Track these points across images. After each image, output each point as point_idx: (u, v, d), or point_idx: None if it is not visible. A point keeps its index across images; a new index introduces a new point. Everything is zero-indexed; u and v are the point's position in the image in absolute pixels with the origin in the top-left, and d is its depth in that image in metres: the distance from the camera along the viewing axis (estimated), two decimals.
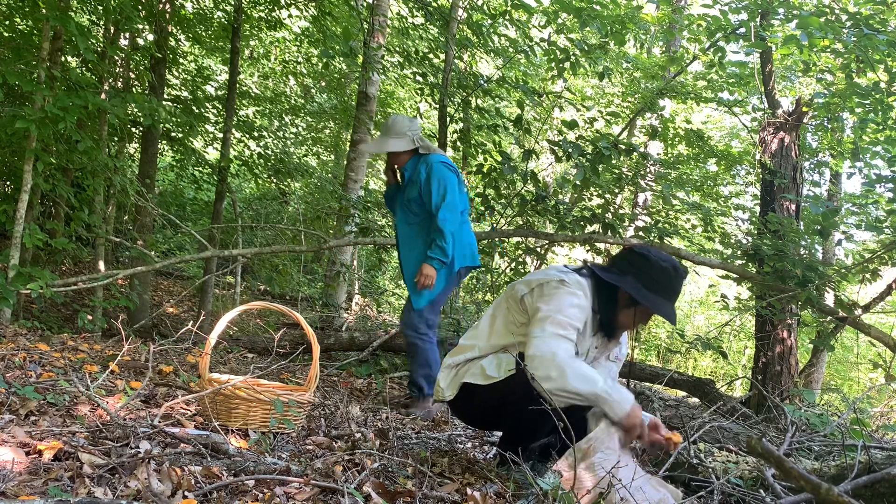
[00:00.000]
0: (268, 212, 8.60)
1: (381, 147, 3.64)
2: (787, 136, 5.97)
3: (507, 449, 2.28)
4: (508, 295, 2.37)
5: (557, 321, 2.14)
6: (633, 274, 2.25)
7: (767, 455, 1.72)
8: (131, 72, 6.87)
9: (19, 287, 4.17)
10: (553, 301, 2.18)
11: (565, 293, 2.19)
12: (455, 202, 3.48)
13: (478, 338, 2.38)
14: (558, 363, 2.04)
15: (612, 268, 2.31)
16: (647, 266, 2.24)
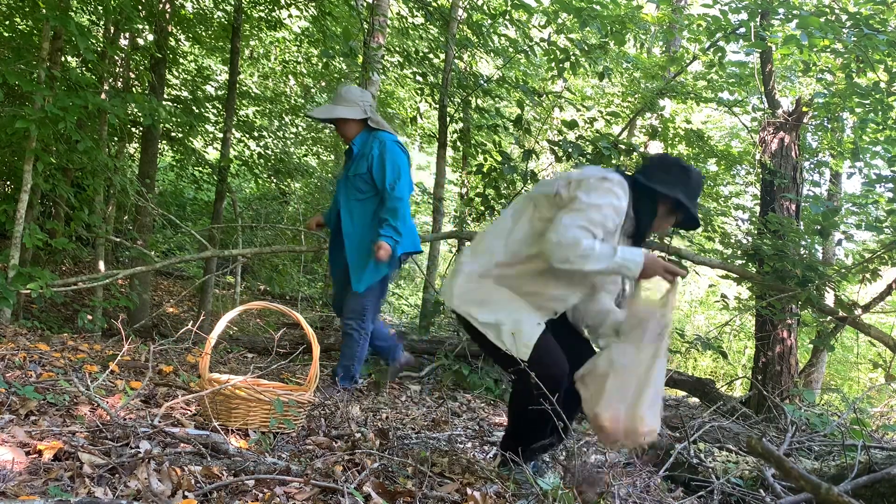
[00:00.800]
0: (268, 212, 8.61)
1: (330, 113, 3.50)
2: (787, 136, 5.97)
3: (508, 447, 2.30)
4: (538, 192, 2.30)
5: (590, 218, 2.11)
6: (680, 185, 2.28)
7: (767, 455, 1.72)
8: (131, 72, 6.86)
9: (19, 287, 4.17)
10: (593, 195, 2.15)
11: (606, 191, 2.17)
12: (407, 185, 3.39)
13: (498, 236, 2.31)
14: (581, 251, 2.06)
15: (654, 175, 2.30)
16: (687, 177, 2.30)
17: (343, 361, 3.51)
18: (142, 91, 6.64)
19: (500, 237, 2.30)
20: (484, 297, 2.26)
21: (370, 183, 3.40)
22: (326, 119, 3.66)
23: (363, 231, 3.41)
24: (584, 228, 2.10)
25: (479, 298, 2.27)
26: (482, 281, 2.28)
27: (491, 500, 1.94)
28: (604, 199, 2.15)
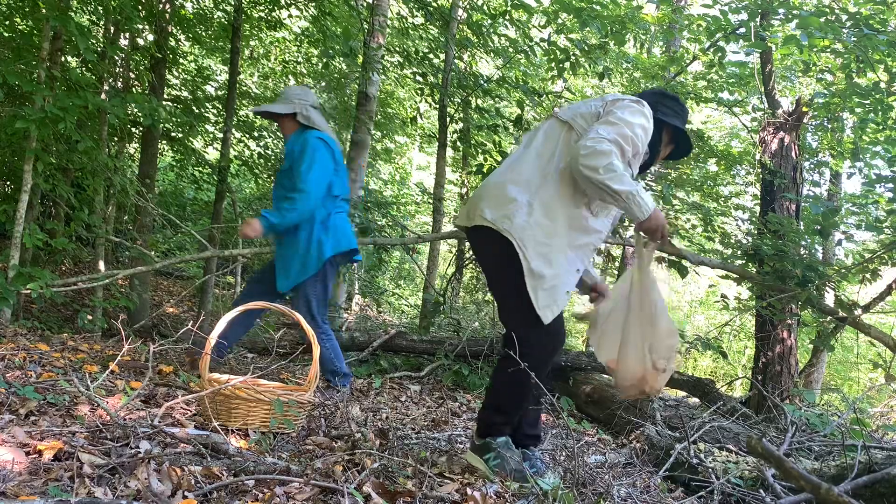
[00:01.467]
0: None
1: (262, 108, 3.60)
2: (787, 136, 5.97)
3: (493, 421, 2.32)
4: (573, 114, 2.32)
5: (623, 133, 2.16)
6: (678, 115, 2.43)
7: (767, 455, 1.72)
8: (131, 72, 6.87)
9: (19, 287, 4.17)
10: (628, 112, 2.21)
11: (640, 112, 2.25)
12: (318, 179, 3.27)
13: (538, 163, 2.29)
14: (612, 164, 2.09)
15: (658, 108, 2.39)
16: (681, 108, 2.45)
17: (326, 368, 3.48)
18: (142, 91, 6.64)
19: (539, 165, 2.28)
20: (546, 246, 2.22)
21: (292, 181, 3.35)
22: (259, 113, 3.69)
23: (292, 232, 3.36)
24: (617, 142, 2.13)
25: (542, 241, 2.21)
26: (542, 219, 2.23)
27: (491, 500, 1.94)
28: (637, 118, 2.21)
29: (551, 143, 2.31)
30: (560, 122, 2.34)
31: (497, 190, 2.29)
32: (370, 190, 8.73)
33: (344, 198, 3.51)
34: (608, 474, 2.46)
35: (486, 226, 2.26)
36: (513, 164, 2.36)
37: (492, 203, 2.27)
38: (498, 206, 2.25)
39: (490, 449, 2.28)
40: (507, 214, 2.22)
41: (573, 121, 2.30)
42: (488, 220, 2.24)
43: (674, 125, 2.41)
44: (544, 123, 2.42)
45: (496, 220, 2.23)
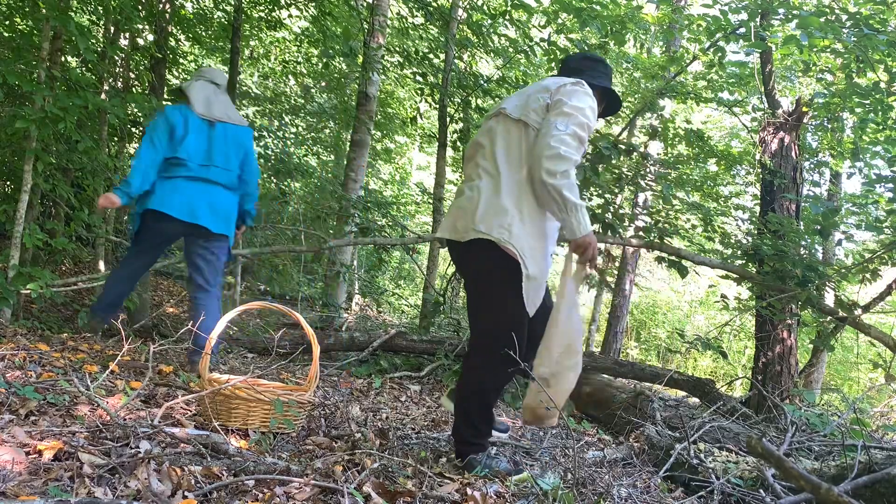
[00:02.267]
0: (268, 212, 8.60)
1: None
2: (787, 136, 5.97)
3: (464, 436, 2.37)
4: (522, 110, 2.35)
5: (580, 122, 2.26)
6: (606, 76, 2.55)
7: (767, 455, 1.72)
8: (131, 72, 6.87)
9: (19, 287, 4.17)
10: (575, 98, 2.29)
11: (585, 94, 2.33)
12: (142, 150, 3.46)
13: (512, 166, 2.33)
14: (569, 172, 2.20)
15: (583, 72, 2.51)
16: (605, 67, 2.57)
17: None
18: (142, 91, 6.64)
19: (513, 173, 2.33)
20: (537, 250, 2.30)
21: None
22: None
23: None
24: (576, 135, 2.24)
25: (534, 246, 2.30)
26: (531, 227, 2.30)
27: (491, 500, 1.94)
28: (584, 101, 2.31)
29: (515, 149, 2.34)
30: (513, 121, 2.37)
31: (486, 203, 2.32)
32: (370, 190, 8.74)
33: (200, 163, 3.54)
34: (608, 474, 2.46)
35: (482, 238, 2.29)
36: (489, 173, 2.38)
37: (486, 216, 2.30)
38: (492, 218, 2.29)
39: (475, 465, 2.30)
40: (503, 226, 2.27)
41: (526, 118, 2.34)
42: (485, 234, 2.28)
43: (603, 86, 2.52)
44: (496, 124, 2.43)
45: (493, 231, 2.27)
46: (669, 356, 12.66)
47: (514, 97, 2.46)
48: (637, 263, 11.19)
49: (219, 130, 3.62)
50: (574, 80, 2.36)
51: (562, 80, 2.39)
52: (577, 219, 2.20)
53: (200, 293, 3.59)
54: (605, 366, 4.93)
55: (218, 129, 3.62)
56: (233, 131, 3.69)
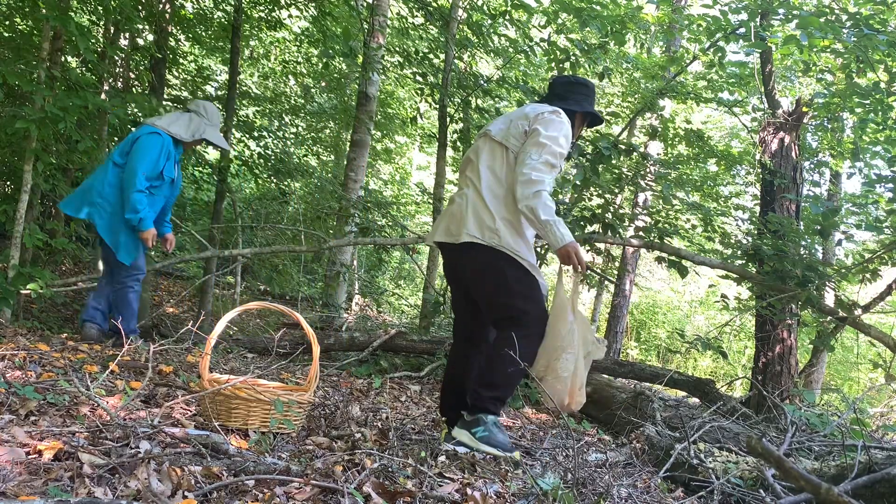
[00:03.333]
0: (268, 212, 8.61)
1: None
2: (787, 136, 5.97)
3: (483, 394, 2.59)
4: (503, 134, 2.68)
5: (553, 151, 2.57)
6: (587, 98, 2.83)
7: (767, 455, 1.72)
8: (131, 72, 6.87)
9: (19, 287, 4.17)
10: (550, 128, 2.59)
11: (560, 124, 2.63)
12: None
13: (498, 184, 2.64)
14: (541, 192, 2.51)
15: (568, 98, 2.80)
16: (587, 89, 2.84)
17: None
18: (142, 91, 6.64)
19: (500, 185, 2.64)
20: (519, 242, 2.61)
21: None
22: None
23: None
24: (548, 163, 2.54)
25: (517, 241, 2.61)
26: (515, 233, 2.62)
27: (491, 500, 1.94)
28: (558, 130, 2.60)
29: (497, 166, 2.67)
30: (497, 143, 2.70)
31: (473, 211, 2.64)
32: (370, 190, 8.74)
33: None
34: (608, 474, 2.46)
35: (475, 242, 2.60)
36: (474, 185, 2.69)
37: (476, 223, 2.62)
38: (481, 225, 2.61)
39: (479, 423, 2.53)
40: (491, 230, 2.59)
41: (507, 142, 2.67)
42: (479, 239, 2.59)
43: (585, 111, 2.82)
44: (482, 143, 2.76)
45: (485, 237, 2.59)
46: (669, 356, 12.66)
47: (500, 121, 2.78)
48: (637, 263, 11.19)
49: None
50: (551, 110, 2.65)
51: (540, 108, 2.67)
52: (553, 233, 2.50)
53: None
54: (605, 366, 4.92)
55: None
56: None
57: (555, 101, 2.77)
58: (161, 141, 3.87)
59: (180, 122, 4.00)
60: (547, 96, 2.87)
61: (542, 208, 2.49)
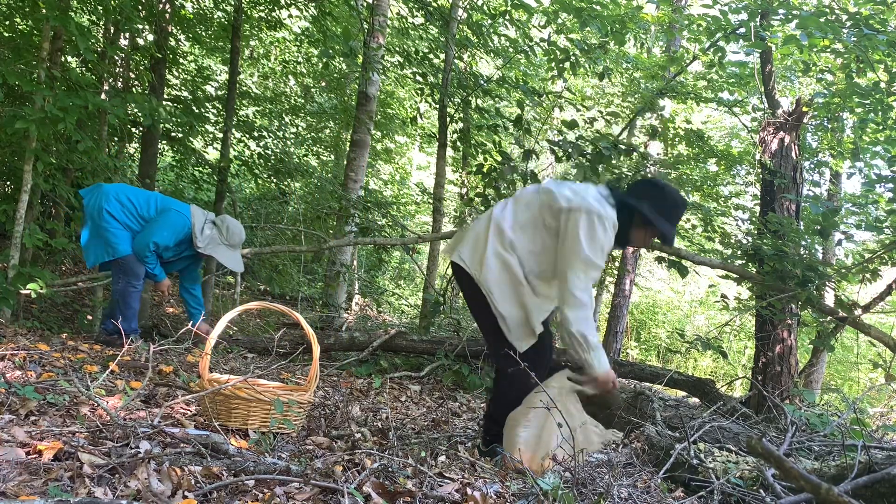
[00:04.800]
0: (268, 212, 8.61)
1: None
2: (787, 136, 5.97)
3: (494, 429, 2.66)
4: (546, 199, 2.60)
5: (594, 264, 2.51)
6: (649, 199, 2.64)
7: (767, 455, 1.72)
8: (131, 72, 6.87)
9: (19, 287, 4.17)
10: (592, 239, 2.50)
11: (601, 231, 2.52)
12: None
13: (523, 237, 2.60)
14: (586, 313, 2.49)
15: (631, 192, 2.69)
16: (661, 195, 2.66)
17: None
18: (142, 91, 6.64)
19: (524, 243, 2.60)
20: (509, 292, 2.58)
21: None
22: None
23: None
24: (591, 280, 2.51)
25: (500, 280, 2.58)
26: (513, 275, 2.59)
27: (491, 500, 1.94)
28: (599, 240, 2.50)
29: (526, 222, 2.62)
30: (537, 210, 2.62)
31: (475, 238, 2.65)
32: (370, 190, 8.74)
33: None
34: (608, 474, 2.46)
35: (462, 267, 2.63)
36: (496, 222, 2.65)
37: (471, 250, 2.64)
38: (475, 252, 2.62)
39: (497, 453, 2.61)
40: (479, 261, 2.60)
41: (542, 210, 2.60)
42: (466, 264, 2.62)
43: (638, 209, 2.62)
44: (529, 196, 2.69)
45: (473, 266, 2.60)
46: (669, 356, 12.66)
47: (541, 191, 2.67)
48: (637, 263, 11.19)
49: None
50: (598, 213, 2.51)
51: (591, 205, 2.53)
52: (599, 359, 2.50)
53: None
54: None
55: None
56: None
57: (626, 194, 2.67)
58: (184, 223, 4.09)
59: (203, 227, 4.18)
60: (629, 191, 2.73)
61: (592, 334, 2.49)
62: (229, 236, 4.21)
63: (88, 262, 4.09)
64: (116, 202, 4.02)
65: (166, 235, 4.03)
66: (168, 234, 4.04)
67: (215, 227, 4.22)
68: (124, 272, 4.03)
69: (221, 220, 4.28)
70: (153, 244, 3.99)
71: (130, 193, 4.12)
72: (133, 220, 4.06)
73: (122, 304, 4.01)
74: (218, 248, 4.18)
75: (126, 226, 4.03)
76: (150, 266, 4.04)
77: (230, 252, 4.25)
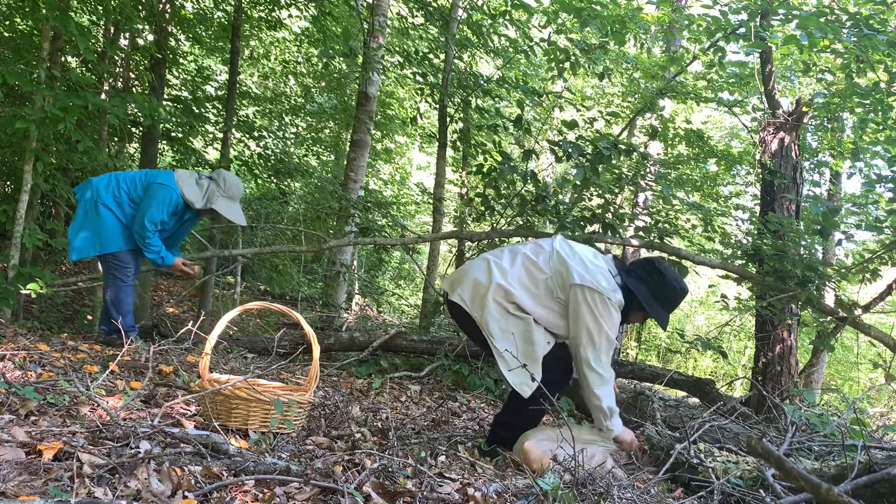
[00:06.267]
0: (268, 212, 8.60)
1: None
2: (787, 136, 5.97)
3: (502, 433, 2.75)
4: (558, 268, 2.66)
5: (611, 340, 2.61)
6: (648, 284, 2.70)
7: (767, 455, 1.72)
8: (131, 72, 6.87)
9: (19, 287, 4.17)
10: (605, 319, 2.59)
11: (613, 312, 2.61)
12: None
13: (530, 287, 2.66)
14: (609, 388, 2.63)
15: (633, 272, 2.74)
16: (661, 282, 2.71)
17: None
18: (142, 91, 6.64)
19: (527, 300, 2.65)
20: (508, 329, 2.65)
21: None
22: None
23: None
24: (609, 358, 2.62)
25: (506, 328, 2.65)
26: (510, 313, 2.66)
27: (491, 500, 1.94)
28: (611, 321, 2.60)
29: (529, 280, 2.68)
30: (552, 274, 2.68)
31: (475, 283, 2.70)
32: (370, 190, 8.74)
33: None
34: (608, 474, 2.46)
35: (461, 306, 2.73)
36: (500, 268, 2.71)
37: (471, 293, 2.71)
38: (476, 295, 2.69)
39: (497, 454, 2.69)
40: (478, 303, 2.68)
41: (552, 279, 2.66)
42: (466, 305, 2.70)
43: (647, 306, 2.70)
44: (537, 254, 2.74)
45: (474, 309, 2.68)
46: (669, 356, 12.66)
47: (569, 256, 2.69)
48: None
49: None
50: (608, 296, 2.58)
51: (602, 286, 2.59)
52: (615, 424, 2.63)
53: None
54: None
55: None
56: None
57: (629, 274, 2.72)
58: (170, 195, 4.00)
59: (197, 186, 4.10)
60: (633, 269, 2.77)
61: (612, 402, 2.61)
62: (227, 188, 4.13)
63: (72, 255, 4.03)
64: (107, 191, 3.99)
65: (156, 213, 3.96)
66: (156, 210, 3.96)
67: (212, 181, 4.15)
68: (113, 269, 4.00)
69: (218, 173, 4.21)
70: (148, 224, 3.93)
71: (118, 178, 4.07)
72: (127, 205, 4.02)
73: (115, 301, 4.01)
74: (218, 200, 4.11)
75: (122, 215, 3.99)
76: (153, 248, 3.96)
77: (231, 204, 4.17)
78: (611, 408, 2.61)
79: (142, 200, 4.00)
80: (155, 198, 3.97)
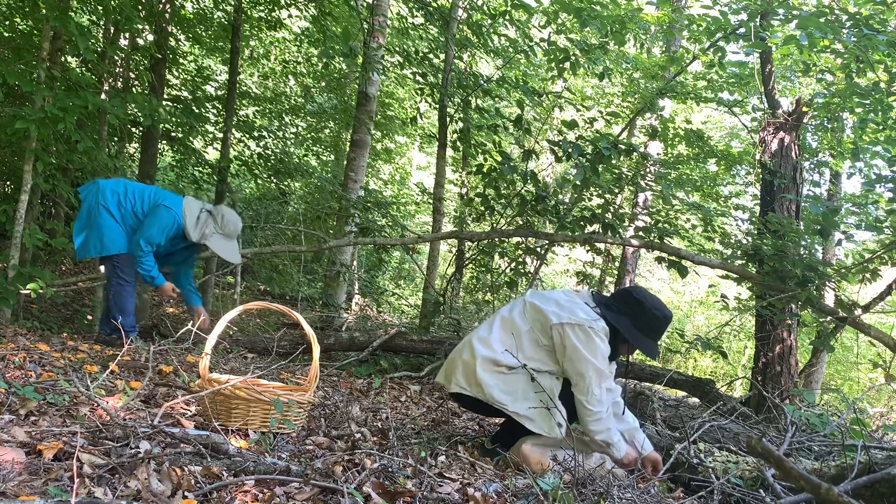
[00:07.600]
0: (268, 212, 8.60)
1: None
2: (787, 136, 5.97)
3: (505, 438, 2.73)
4: (534, 316, 2.65)
5: (606, 376, 2.55)
6: (628, 315, 2.65)
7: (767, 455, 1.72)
8: (131, 72, 6.87)
9: (19, 287, 4.17)
10: (596, 352, 2.53)
11: (600, 343, 2.55)
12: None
13: (510, 347, 2.62)
14: (607, 423, 2.56)
15: (613, 305, 2.69)
16: (640, 311, 2.65)
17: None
18: (142, 91, 6.64)
19: (516, 348, 2.63)
20: (513, 388, 2.60)
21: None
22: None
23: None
24: (608, 392, 2.57)
25: (510, 389, 2.60)
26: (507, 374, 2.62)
27: (491, 500, 1.94)
28: (600, 351, 2.54)
29: (509, 337, 2.66)
30: (525, 319, 2.68)
31: (466, 365, 2.68)
32: (370, 190, 8.74)
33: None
34: (608, 474, 2.46)
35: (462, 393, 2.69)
36: (484, 342, 2.69)
37: (465, 376, 2.68)
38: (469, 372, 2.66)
39: (497, 454, 2.68)
40: (478, 383, 2.63)
41: (532, 322, 2.65)
42: (466, 389, 2.66)
43: (631, 338, 2.65)
44: (512, 313, 2.73)
45: (471, 388, 2.64)
46: (669, 356, 12.65)
47: (539, 300, 2.68)
48: (637, 263, 11.19)
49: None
50: (591, 327, 2.54)
51: (581, 318, 2.55)
52: (617, 450, 2.58)
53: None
54: None
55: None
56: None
57: (608, 307, 2.67)
58: (172, 220, 4.04)
59: (198, 218, 4.13)
60: (618, 299, 2.73)
61: (608, 435, 2.56)
62: (224, 225, 4.15)
63: (79, 254, 4.06)
64: (113, 196, 4.01)
65: (155, 234, 4.00)
66: (156, 232, 4.00)
67: (211, 216, 4.17)
68: (116, 270, 4.02)
69: (217, 209, 4.23)
70: (144, 243, 3.97)
71: (128, 188, 4.10)
72: (130, 216, 4.04)
73: (116, 302, 4.02)
74: (212, 237, 4.13)
75: (122, 222, 4.02)
76: (146, 267, 4.01)
77: (225, 242, 4.19)
78: (607, 441, 2.56)
79: (145, 218, 4.04)
80: (158, 220, 4.01)
